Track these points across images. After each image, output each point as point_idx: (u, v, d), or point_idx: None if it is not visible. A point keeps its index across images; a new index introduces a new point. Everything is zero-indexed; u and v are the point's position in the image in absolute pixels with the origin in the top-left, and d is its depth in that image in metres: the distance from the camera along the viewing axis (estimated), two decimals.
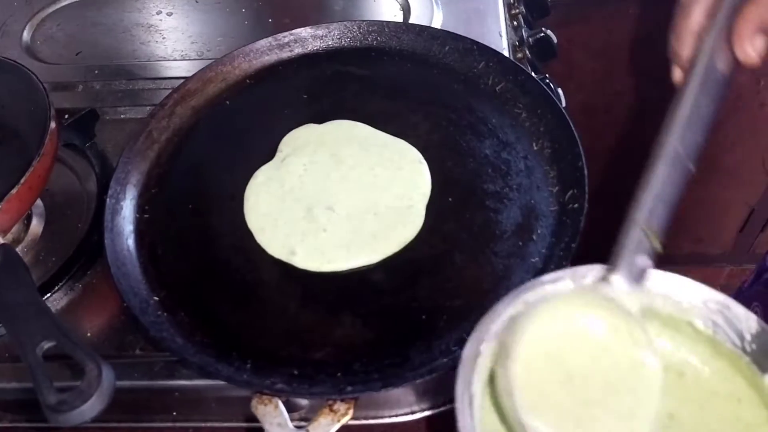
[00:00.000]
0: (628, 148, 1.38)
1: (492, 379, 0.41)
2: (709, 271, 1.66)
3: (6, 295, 0.50)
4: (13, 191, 0.56)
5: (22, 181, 0.56)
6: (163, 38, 0.84)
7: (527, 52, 0.76)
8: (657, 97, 1.41)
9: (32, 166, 0.57)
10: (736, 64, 0.43)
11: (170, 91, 0.69)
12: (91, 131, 0.71)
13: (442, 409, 0.56)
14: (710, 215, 1.55)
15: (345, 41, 0.72)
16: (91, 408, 0.42)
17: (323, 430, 0.47)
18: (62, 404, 0.42)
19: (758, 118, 1.34)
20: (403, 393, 0.56)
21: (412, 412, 0.56)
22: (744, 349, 0.41)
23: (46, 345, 0.46)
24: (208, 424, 0.58)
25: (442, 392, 0.56)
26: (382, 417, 0.57)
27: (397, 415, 0.56)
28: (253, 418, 0.56)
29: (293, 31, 0.72)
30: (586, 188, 0.56)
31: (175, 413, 0.58)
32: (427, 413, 0.56)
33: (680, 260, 1.67)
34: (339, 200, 0.61)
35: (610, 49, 1.24)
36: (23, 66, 0.65)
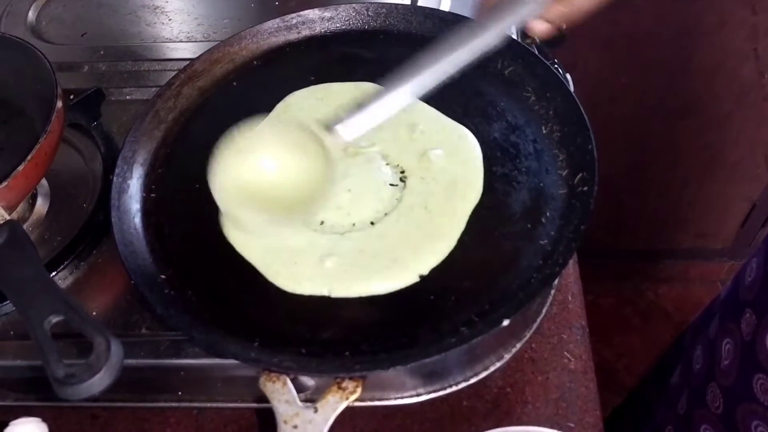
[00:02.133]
0: (631, 140, 1.38)
1: None
2: (709, 266, 1.67)
3: (13, 270, 0.50)
4: (20, 168, 0.56)
5: (29, 157, 0.56)
6: (169, 20, 0.83)
7: (536, 38, 0.76)
8: (662, 89, 1.41)
9: (39, 143, 0.57)
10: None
11: (176, 72, 0.69)
12: (97, 111, 0.71)
13: (448, 391, 0.56)
14: (712, 210, 1.56)
15: (353, 23, 0.72)
16: (99, 381, 0.42)
17: (332, 407, 0.47)
18: (70, 377, 0.42)
19: (762, 113, 1.34)
20: (409, 374, 0.56)
21: (418, 395, 0.56)
22: None
23: (54, 319, 0.46)
24: (213, 405, 0.58)
25: (448, 374, 0.56)
26: (387, 399, 0.56)
27: (402, 397, 0.56)
28: (261, 398, 0.56)
29: (301, 12, 0.72)
30: (596, 171, 0.56)
31: (180, 393, 0.58)
32: (432, 395, 0.56)
33: (681, 255, 1.68)
34: None
35: (616, 41, 1.24)
36: (30, 44, 0.65)
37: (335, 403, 0.47)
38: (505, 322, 0.49)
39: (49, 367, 0.43)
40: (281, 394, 0.48)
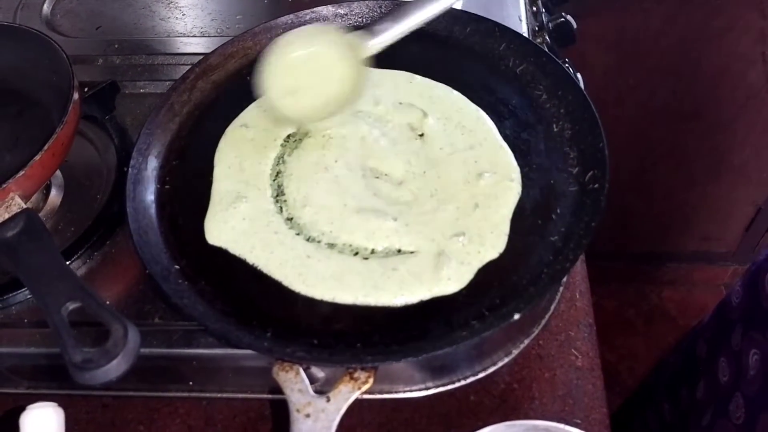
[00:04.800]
0: (637, 142, 1.39)
1: None
2: (714, 270, 1.67)
3: (30, 257, 0.50)
4: (37, 157, 0.56)
5: (46, 147, 0.57)
6: (183, 15, 0.84)
7: (546, 37, 0.76)
8: (668, 91, 1.41)
9: (56, 133, 0.57)
10: None
11: (190, 66, 0.70)
12: (112, 104, 0.71)
13: (456, 385, 0.57)
14: (717, 214, 1.56)
15: (366, 20, 0.72)
16: (116, 367, 0.43)
17: (344, 397, 0.47)
18: (88, 362, 0.43)
19: None
20: (418, 367, 0.56)
21: (426, 388, 0.57)
22: None
23: (71, 306, 0.47)
24: (224, 395, 0.58)
25: (457, 368, 0.57)
26: (396, 392, 0.57)
27: (411, 390, 0.57)
28: (271, 389, 0.56)
29: (315, 9, 0.72)
30: (607, 169, 0.56)
31: (191, 383, 0.58)
32: (440, 389, 0.57)
33: (685, 258, 1.68)
34: None
35: (623, 43, 1.25)
36: (46, 36, 0.65)
37: (347, 393, 0.47)
38: (516, 317, 0.49)
39: (67, 352, 0.43)
40: (294, 383, 0.48)
